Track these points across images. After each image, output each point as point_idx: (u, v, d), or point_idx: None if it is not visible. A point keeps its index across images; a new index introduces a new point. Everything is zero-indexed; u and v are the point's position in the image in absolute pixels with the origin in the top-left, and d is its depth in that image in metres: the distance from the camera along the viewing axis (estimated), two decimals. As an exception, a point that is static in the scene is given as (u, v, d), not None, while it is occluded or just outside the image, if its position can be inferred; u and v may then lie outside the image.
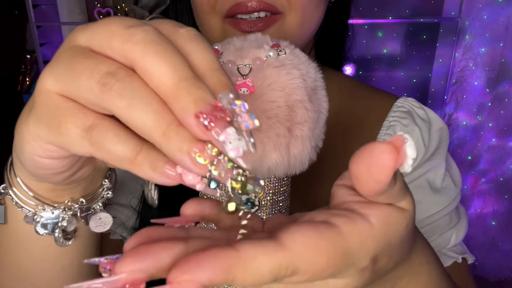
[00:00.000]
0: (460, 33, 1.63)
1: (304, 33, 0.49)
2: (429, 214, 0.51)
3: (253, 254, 0.18)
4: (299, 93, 0.31)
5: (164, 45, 0.20)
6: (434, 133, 0.54)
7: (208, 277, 0.16)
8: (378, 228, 0.21)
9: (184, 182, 0.21)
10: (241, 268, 0.17)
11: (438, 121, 0.55)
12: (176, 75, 0.20)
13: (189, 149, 0.19)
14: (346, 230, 0.20)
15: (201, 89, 0.20)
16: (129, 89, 0.20)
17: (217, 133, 0.19)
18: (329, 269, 0.19)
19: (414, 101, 0.57)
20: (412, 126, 0.53)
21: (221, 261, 0.17)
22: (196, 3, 0.48)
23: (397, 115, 0.55)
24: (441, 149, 0.53)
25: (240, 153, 0.19)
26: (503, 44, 1.57)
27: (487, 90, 1.63)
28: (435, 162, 0.52)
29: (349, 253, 0.20)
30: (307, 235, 0.19)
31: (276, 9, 0.45)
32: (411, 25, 1.71)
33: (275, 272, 0.18)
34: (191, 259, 0.17)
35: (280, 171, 0.32)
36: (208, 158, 0.19)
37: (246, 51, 0.33)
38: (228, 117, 0.19)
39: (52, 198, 0.32)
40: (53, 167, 0.26)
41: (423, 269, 0.28)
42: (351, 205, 0.22)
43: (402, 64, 1.77)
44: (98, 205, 0.34)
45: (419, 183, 0.52)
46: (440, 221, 0.51)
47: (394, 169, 0.19)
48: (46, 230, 0.32)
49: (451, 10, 1.66)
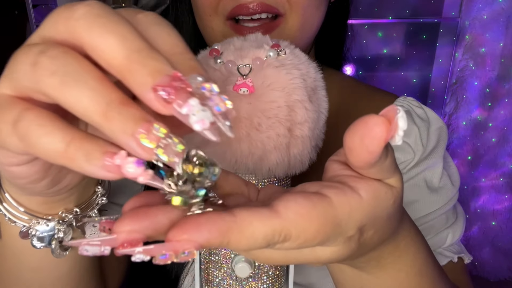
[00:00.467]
0: (460, 33, 1.63)
1: (305, 35, 0.49)
2: (426, 213, 0.51)
3: (249, 220, 0.18)
4: (299, 93, 0.31)
5: (109, 16, 0.19)
6: (432, 132, 0.54)
7: (205, 238, 0.17)
8: (367, 201, 0.22)
9: (124, 175, 0.18)
10: (237, 232, 0.18)
11: (437, 120, 0.55)
12: (126, 47, 0.18)
13: (134, 131, 0.17)
14: (336, 200, 0.21)
15: (156, 60, 0.18)
16: (62, 65, 0.18)
17: (179, 105, 0.17)
18: (319, 237, 0.20)
19: (413, 100, 0.57)
20: (411, 125, 0.54)
21: (218, 224, 0.18)
22: (198, 4, 0.48)
23: None
24: (439, 148, 0.54)
25: (206, 125, 0.17)
26: (503, 44, 1.57)
27: (487, 90, 1.63)
28: (433, 161, 0.52)
29: (338, 222, 0.21)
30: (300, 204, 0.20)
31: (278, 10, 0.45)
32: (411, 25, 1.71)
33: (268, 237, 0.19)
34: (189, 221, 0.18)
35: (280, 171, 0.32)
36: (155, 140, 0.18)
37: (246, 51, 0.33)
38: (189, 87, 0.18)
39: (45, 211, 0.31)
40: (24, 175, 0.24)
41: (409, 250, 0.29)
42: (343, 178, 0.22)
43: (402, 64, 1.77)
44: (94, 212, 0.33)
45: (416, 182, 0.52)
46: (436, 220, 0.51)
47: (386, 140, 0.19)
48: (43, 243, 0.32)
49: (451, 10, 1.66)
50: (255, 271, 0.35)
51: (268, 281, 0.35)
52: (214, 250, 0.35)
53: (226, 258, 0.35)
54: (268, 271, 0.35)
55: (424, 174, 0.52)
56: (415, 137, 0.53)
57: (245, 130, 0.31)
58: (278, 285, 0.36)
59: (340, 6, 0.59)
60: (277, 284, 0.36)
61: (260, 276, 0.35)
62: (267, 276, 0.35)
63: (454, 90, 1.69)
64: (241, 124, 0.31)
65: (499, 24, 1.55)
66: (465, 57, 1.62)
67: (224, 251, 0.35)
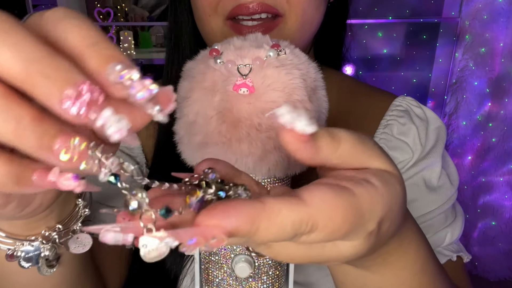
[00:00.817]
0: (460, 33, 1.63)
1: (305, 35, 0.49)
2: (424, 212, 0.51)
3: (278, 207, 0.18)
4: (299, 93, 0.31)
5: (3, 26, 0.17)
6: (431, 132, 0.54)
7: (234, 225, 0.17)
8: (381, 189, 0.21)
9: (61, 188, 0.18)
10: (266, 219, 0.18)
11: (436, 120, 0.56)
12: (23, 59, 0.16)
13: (50, 146, 0.17)
14: (357, 191, 0.20)
15: (60, 69, 0.16)
16: None
17: (94, 118, 0.16)
18: (344, 227, 0.20)
19: (412, 100, 0.57)
20: (409, 124, 0.54)
21: (247, 211, 0.17)
22: (197, 5, 0.48)
23: (394, 114, 0.55)
24: (438, 148, 0.54)
25: (124, 134, 0.17)
26: (503, 44, 1.57)
27: (487, 90, 1.63)
28: (431, 160, 0.53)
29: (362, 213, 0.20)
30: (326, 193, 0.19)
31: (277, 11, 0.45)
32: (411, 25, 1.71)
33: (296, 226, 0.19)
34: (218, 207, 0.17)
35: (280, 171, 0.32)
36: (77, 154, 0.17)
37: (246, 51, 0.33)
38: (101, 95, 0.17)
39: (27, 232, 0.31)
40: None
41: (412, 247, 0.29)
42: (347, 173, 0.22)
43: (402, 64, 1.77)
44: (78, 225, 0.33)
45: (415, 181, 0.52)
46: (435, 219, 0.51)
47: (294, 141, 0.20)
48: (30, 263, 0.31)
49: (451, 10, 1.66)
50: (255, 271, 0.35)
51: (268, 281, 0.35)
52: (214, 250, 0.35)
53: (226, 258, 0.35)
54: (268, 271, 0.35)
55: (423, 174, 0.53)
56: (413, 136, 0.53)
57: (245, 130, 0.31)
58: (278, 285, 0.36)
59: (339, 6, 0.59)
60: (277, 284, 0.36)
61: (260, 276, 0.35)
62: (267, 276, 0.35)
63: (454, 90, 1.69)
64: (241, 124, 0.31)
65: (499, 24, 1.56)
66: (465, 57, 1.63)
67: (224, 251, 0.35)
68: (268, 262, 0.35)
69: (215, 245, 0.17)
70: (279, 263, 0.36)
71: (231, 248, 0.34)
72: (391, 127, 0.54)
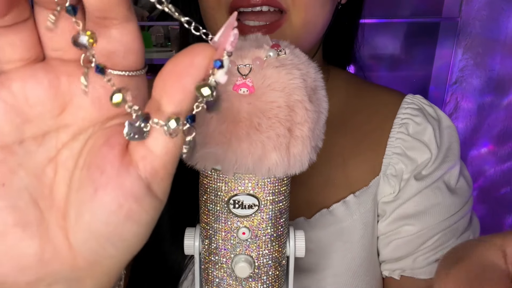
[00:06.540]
0: (460, 33, 1.63)
1: (309, 34, 0.48)
2: (448, 216, 0.51)
3: None
4: (299, 93, 0.31)
5: None
6: (443, 131, 0.54)
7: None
8: None
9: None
10: None
11: (446, 119, 0.55)
12: None
13: None
14: None
15: None
16: None
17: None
18: None
19: (422, 98, 0.57)
20: (425, 124, 0.53)
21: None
22: None
23: (408, 112, 0.54)
24: (455, 149, 0.53)
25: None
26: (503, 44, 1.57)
27: (487, 90, 1.63)
28: (451, 163, 0.52)
29: None
30: None
31: (280, 4, 0.45)
32: (411, 25, 1.71)
33: None
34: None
35: (280, 171, 0.32)
36: None
37: (246, 51, 0.33)
38: None
39: None
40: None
41: None
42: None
43: (402, 64, 1.77)
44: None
45: (438, 185, 0.52)
46: (460, 222, 0.51)
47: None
48: None
49: (451, 10, 1.66)
50: (255, 271, 0.35)
51: (268, 281, 0.36)
52: (214, 250, 0.35)
53: (226, 258, 0.35)
54: (268, 271, 0.35)
55: (444, 177, 0.52)
56: (429, 136, 0.52)
57: (245, 130, 0.31)
58: (278, 285, 0.37)
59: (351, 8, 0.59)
60: (277, 284, 0.36)
61: (260, 276, 0.35)
62: (267, 276, 0.35)
63: (454, 90, 1.69)
64: (241, 124, 0.31)
65: (499, 24, 1.56)
66: (465, 57, 1.63)
67: (224, 251, 0.35)
68: (268, 262, 0.35)
69: None
70: (279, 263, 0.36)
71: (231, 248, 0.34)
72: (407, 126, 0.53)
